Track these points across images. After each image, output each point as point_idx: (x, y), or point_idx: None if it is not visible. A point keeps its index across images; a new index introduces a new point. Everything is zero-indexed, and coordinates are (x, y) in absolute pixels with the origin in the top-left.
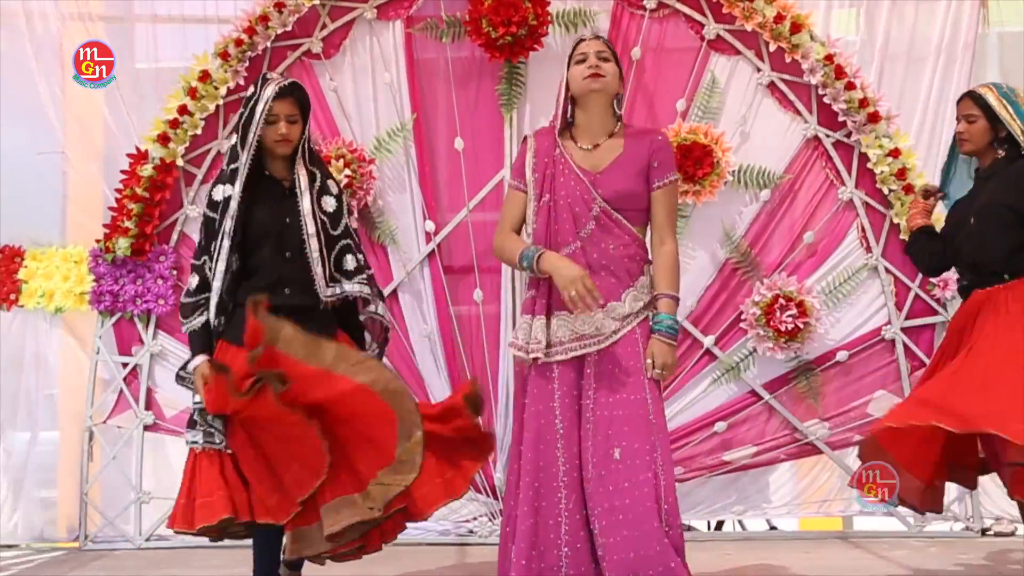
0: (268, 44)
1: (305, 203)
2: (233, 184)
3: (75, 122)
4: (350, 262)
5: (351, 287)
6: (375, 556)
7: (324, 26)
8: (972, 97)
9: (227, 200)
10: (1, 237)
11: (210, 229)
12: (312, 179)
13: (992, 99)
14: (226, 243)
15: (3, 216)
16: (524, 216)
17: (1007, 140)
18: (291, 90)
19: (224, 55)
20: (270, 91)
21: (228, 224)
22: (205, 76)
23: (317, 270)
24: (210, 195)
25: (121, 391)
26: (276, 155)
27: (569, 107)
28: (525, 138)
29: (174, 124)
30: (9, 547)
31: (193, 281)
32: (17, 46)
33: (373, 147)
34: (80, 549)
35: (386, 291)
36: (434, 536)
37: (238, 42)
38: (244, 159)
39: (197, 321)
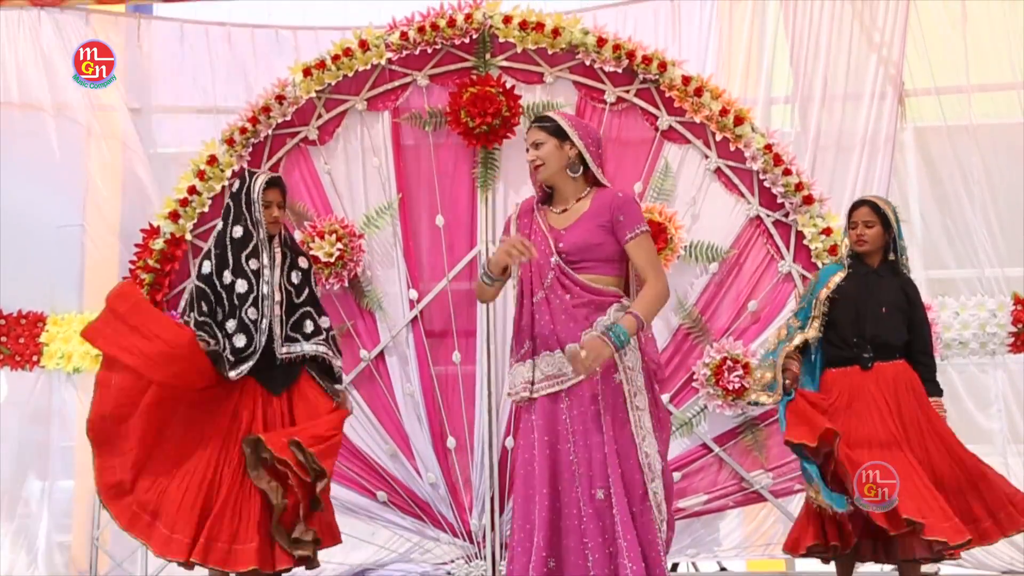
0: (269, 132)
1: (275, 277)
2: (259, 258)
3: (94, 199)
4: (309, 326)
5: (308, 347)
6: None
7: (319, 116)
8: (871, 206)
9: (258, 271)
10: (25, 304)
11: (210, 294)
12: (284, 257)
13: (889, 212)
14: (276, 305)
15: (27, 284)
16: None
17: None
18: (278, 181)
19: (230, 141)
20: (262, 180)
21: (265, 289)
22: (212, 160)
23: (276, 331)
24: (217, 275)
25: None
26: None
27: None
28: (513, 211)
29: (184, 203)
30: None
31: (239, 340)
32: (45, 133)
33: (363, 223)
34: None
35: (373, 353)
36: None
37: (242, 130)
38: (261, 234)
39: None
